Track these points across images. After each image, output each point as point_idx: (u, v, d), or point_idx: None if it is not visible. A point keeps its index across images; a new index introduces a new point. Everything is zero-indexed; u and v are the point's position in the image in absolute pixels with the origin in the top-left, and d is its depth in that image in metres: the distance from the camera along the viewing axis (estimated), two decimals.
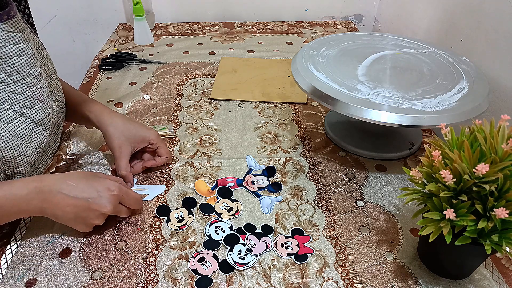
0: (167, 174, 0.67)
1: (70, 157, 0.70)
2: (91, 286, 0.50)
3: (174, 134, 0.77)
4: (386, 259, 0.54)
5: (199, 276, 0.51)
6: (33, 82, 0.53)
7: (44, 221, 0.57)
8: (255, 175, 0.67)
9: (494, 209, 0.39)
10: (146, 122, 0.81)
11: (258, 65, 1.02)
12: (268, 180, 0.66)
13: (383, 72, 0.69)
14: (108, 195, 0.52)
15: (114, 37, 1.20)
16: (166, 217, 0.59)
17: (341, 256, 0.54)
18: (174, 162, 0.70)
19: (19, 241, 0.55)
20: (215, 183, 0.65)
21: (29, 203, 0.49)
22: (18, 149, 0.52)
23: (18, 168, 0.54)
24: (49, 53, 0.63)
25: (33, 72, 0.53)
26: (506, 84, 0.73)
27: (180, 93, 0.91)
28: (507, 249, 0.41)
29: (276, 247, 0.55)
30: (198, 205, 0.61)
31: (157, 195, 0.63)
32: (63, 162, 0.69)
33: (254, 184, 0.65)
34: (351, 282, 0.50)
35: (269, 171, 0.68)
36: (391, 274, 0.52)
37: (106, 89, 0.92)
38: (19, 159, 0.53)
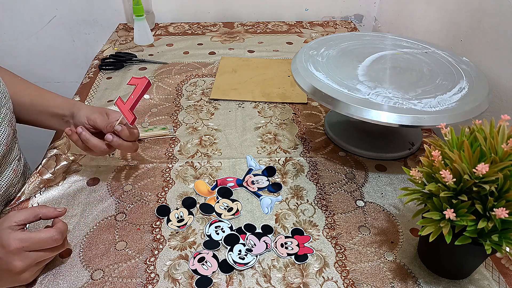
0: (167, 174, 0.67)
1: (70, 158, 0.70)
2: (91, 286, 0.50)
3: (174, 134, 0.77)
4: (386, 259, 0.54)
5: (199, 276, 0.51)
6: None
7: (44, 221, 0.57)
8: (255, 175, 0.67)
9: (494, 209, 0.39)
10: (146, 122, 0.81)
11: (258, 65, 1.02)
12: (268, 180, 0.66)
13: (383, 72, 0.69)
14: (8, 256, 0.45)
15: (114, 37, 1.20)
16: (166, 217, 0.59)
17: (341, 256, 0.54)
18: (174, 162, 0.70)
19: None
20: (215, 183, 0.65)
21: None
22: None
23: None
24: (49, 53, 0.63)
25: None
26: (506, 84, 0.73)
27: (180, 93, 0.91)
28: (507, 249, 0.41)
29: (276, 247, 0.55)
30: (198, 205, 0.61)
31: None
32: (63, 163, 0.69)
33: (254, 184, 0.65)
34: (351, 282, 0.51)
35: (269, 171, 0.68)
36: (391, 274, 0.52)
37: (106, 89, 0.92)
38: None
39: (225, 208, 0.60)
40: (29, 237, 0.46)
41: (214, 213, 0.60)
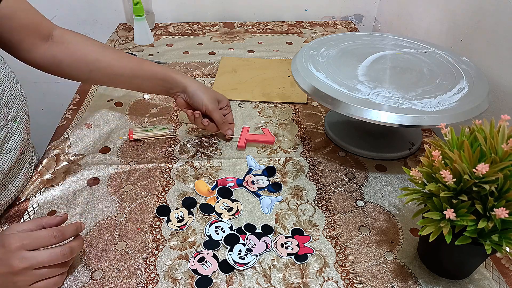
0: (167, 174, 0.67)
1: (70, 158, 0.70)
2: (91, 286, 0.50)
3: (174, 134, 0.77)
4: (386, 259, 0.54)
5: (199, 276, 0.51)
6: None
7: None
8: (255, 175, 0.67)
9: (494, 209, 0.39)
10: (146, 122, 0.81)
11: (258, 65, 1.02)
12: (268, 180, 0.66)
13: (383, 72, 0.69)
14: (7, 254, 0.44)
15: (114, 37, 1.20)
16: (166, 217, 0.59)
17: (341, 256, 0.54)
18: (174, 162, 0.70)
19: None
20: (215, 183, 0.65)
21: None
22: None
23: None
24: None
25: None
26: (506, 84, 0.73)
27: None
28: (507, 249, 0.41)
29: (276, 247, 0.55)
30: (198, 205, 0.61)
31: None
32: (63, 163, 0.69)
33: (254, 184, 0.65)
34: (351, 282, 0.51)
35: (269, 171, 0.68)
36: (391, 274, 0.52)
37: (106, 88, 0.92)
38: None
39: (225, 208, 0.61)
40: (29, 234, 0.46)
41: (214, 213, 0.60)
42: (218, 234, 0.56)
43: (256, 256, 0.53)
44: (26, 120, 0.62)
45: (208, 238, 0.56)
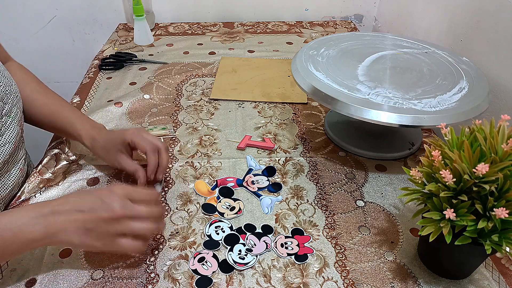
0: (167, 174, 0.67)
1: (70, 157, 0.70)
2: (91, 286, 0.50)
3: (174, 134, 0.77)
4: (386, 259, 0.54)
5: (199, 276, 0.51)
6: None
7: None
8: (255, 175, 0.67)
9: (494, 209, 0.39)
10: (146, 122, 0.81)
11: (258, 65, 1.02)
12: (268, 180, 0.66)
13: (383, 72, 0.69)
14: (111, 198, 0.46)
15: (114, 37, 1.20)
16: (215, 212, 0.60)
17: (341, 256, 0.54)
18: (174, 162, 0.70)
19: None
20: (215, 183, 0.65)
21: (33, 230, 0.44)
22: None
23: None
24: (49, 53, 0.64)
25: None
26: (506, 84, 0.73)
27: (180, 93, 0.91)
28: (507, 249, 0.41)
29: (276, 247, 0.55)
30: (200, 205, 0.61)
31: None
32: (63, 163, 0.69)
33: (254, 184, 0.65)
34: (351, 282, 0.51)
35: (269, 171, 0.68)
36: (391, 274, 0.52)
37: (106, 89, 0.92)
38: None
39: (227, 207, 0.61)
40: (134, 188, 0.49)
41: (216, 212, 0.60)
42: (218, 234, 0.56)
43: (256, 256, 0.53)
44: (20, 117, 0.62)
45: (208, 238, 0.56)
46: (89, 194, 0.48)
